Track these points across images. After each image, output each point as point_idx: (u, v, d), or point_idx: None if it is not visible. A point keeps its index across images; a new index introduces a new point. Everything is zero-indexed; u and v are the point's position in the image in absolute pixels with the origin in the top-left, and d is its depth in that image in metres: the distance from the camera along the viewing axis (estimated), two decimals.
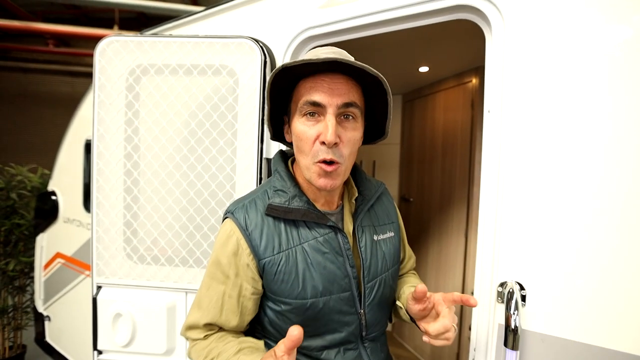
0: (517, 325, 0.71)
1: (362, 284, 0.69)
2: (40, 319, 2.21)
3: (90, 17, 5.67)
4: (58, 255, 2.04)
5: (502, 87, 0.77)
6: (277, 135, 0.77)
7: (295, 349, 0.51)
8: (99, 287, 1.08)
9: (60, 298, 2.05)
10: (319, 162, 0.61)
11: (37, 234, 2.22)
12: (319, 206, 0.70)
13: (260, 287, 0.68)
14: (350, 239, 0.71)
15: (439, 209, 2.17)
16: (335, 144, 0.60)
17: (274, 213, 0.65)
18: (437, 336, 0.61)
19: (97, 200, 1.06)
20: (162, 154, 1.04)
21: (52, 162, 2.82)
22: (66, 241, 1.99)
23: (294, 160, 0.75)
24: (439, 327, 0.61)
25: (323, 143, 0.60)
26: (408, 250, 0.91)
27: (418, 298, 0.63)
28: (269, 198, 0.67)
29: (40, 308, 2.21)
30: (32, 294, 2.43)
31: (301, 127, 0.62)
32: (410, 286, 0.82)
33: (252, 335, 0.74)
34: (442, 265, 2.13)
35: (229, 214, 0.68)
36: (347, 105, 0.61)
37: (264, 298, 0.70)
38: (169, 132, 1.03)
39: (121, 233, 1.06)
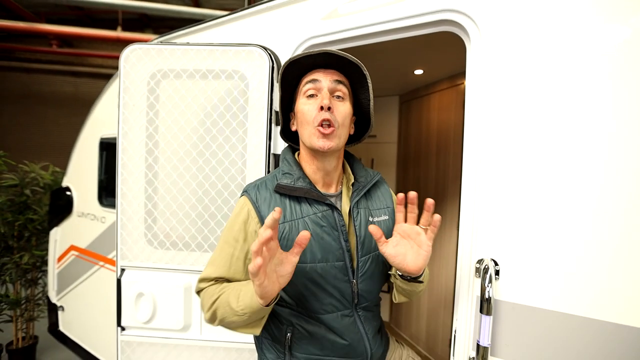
0: (491, 295, 0.83)
1: (356, 257, 0.81)
2: (53, 310, 2.29)
3: (93, 18, 5.75)
4: (72, 247, 2.13)
5: (480, 90, 0.89)
6: (285, 133, 0.90)
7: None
8: (122, 270, 1.20)
9: (74, 289, 2.15)
10: (318, 125, 0.75)
11: (51, 228, 2.29)
12: (319, 188, 0.82)
13: None
14: (346, 219, 0.82)
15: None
16: (329, 108, 0.75)
17: (282, 190, 0.78)
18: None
19: (122, 192, 1.18)
20: (180, 150, 1.16)
21: (55, 160, 2.91)
22: (80, 234, 2.08)
23: (299, 153, 0.88)
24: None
25: (322, 108, 0.74)
26: None
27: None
28: (277, 180, 0.80)
29: (54, 299, 2.28)
30: (44, 286, 2.52)
31: (303, 105, 0.78)
32: None
33: None
34: (437, 257, 2.25)
35: (244, 192, 0.82)
36: (338, 82, 0.78)
37: None
38: (186, 130, 1.15)
39: (143, 221, 1.18)
